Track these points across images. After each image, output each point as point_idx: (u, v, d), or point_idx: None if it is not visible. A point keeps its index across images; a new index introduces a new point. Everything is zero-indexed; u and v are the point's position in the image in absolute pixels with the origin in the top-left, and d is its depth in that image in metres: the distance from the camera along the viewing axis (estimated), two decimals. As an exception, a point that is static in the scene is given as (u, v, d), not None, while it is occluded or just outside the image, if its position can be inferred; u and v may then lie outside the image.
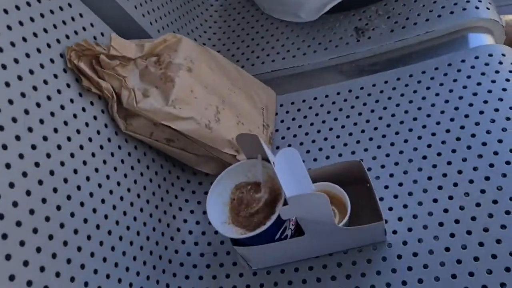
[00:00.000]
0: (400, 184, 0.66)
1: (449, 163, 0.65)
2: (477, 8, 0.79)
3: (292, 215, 0.54)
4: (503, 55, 0.73)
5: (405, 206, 0.64)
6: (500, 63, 0.72)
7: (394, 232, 0.63)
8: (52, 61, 0.59)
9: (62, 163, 0.55)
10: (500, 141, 0.64)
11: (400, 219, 0.63)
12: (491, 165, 0.63)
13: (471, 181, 0.63)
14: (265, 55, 0.90)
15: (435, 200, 0.63)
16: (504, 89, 0.69)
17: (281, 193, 0.57)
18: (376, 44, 0.83)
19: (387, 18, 0.84)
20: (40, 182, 0.51)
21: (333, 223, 0.54)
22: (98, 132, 0.62)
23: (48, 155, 0.54)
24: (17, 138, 0.50)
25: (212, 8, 1.01)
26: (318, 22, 0.88)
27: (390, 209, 0.65)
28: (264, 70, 0.88)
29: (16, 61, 0.54)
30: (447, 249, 0.59)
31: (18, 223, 0.48)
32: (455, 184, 0.63)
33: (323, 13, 0.85)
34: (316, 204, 0.50)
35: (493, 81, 0.70)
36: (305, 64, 0.86)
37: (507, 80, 0.70)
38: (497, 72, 0.71)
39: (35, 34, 0.58)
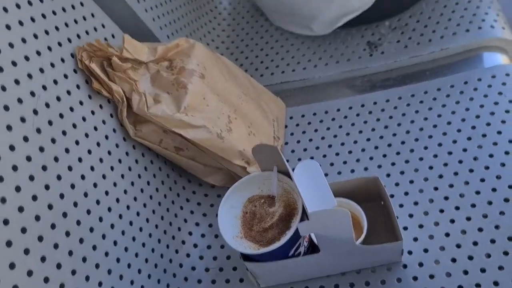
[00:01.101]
0: (416, 203, 0.64)
1: (466, 183, 0.64)
2: (492, 27, 0.78)
3: (311, 231, 0.51)
4: (520, 75, 0.72)
5: (420, 226, 0.62)
6: (517, 83, 0.71)
7: (410, 252, 0.61)
8: (62, 60, 0.56)
9: (70, 168, 0.52)
10: (519, 162, 0.63)
11: (415, 239, 0.61)
12: (511, 187, 0.61)
13: (489, 203, 0.61)
14: (274, 66, 0.88)
15: (452, 221, 0.61)
16: (521, 110, 0.68)
17: (296, 207, 0.54)
18: (389, 59, 0.81)
19: (400, 34, 0.83)
20: (47, 187, 0.48)
21: (352, 241, 0.52)
22: (106, 137, 0.59)
23: (56, 159, 0.51)
24: (25, 139, 0.48)
25: (220, 17, 0.99)
26: (330, 35, 0.87)
27: (405, 228, 0.63)
28: (274, 81, 0.86)
29: (26, 58, 0.51)
30: (465, 272, 0.57)
31: (23, 230, 0.44)
32: (473, 205, 0.62)
33: (336, 27, 0.83)
34: (338, 221, 0.48)
35: (511, 101, 0.69)
36: (315, 77, 0.85)
37: (524, 101, 0.69)
38: (514, 92, 0.70)
39: (46, 32, 0.55)
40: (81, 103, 0.57)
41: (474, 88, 0.72)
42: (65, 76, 0.56)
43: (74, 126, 0.55)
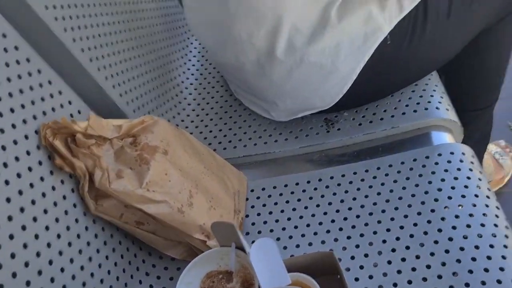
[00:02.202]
0: (370, 277, 0.66)
1: (417, 257, 0.66)
2: (437, 108, 0.85)
3: (266, 308, 0.52)
4: (463, 153, 0.77)
5: (375, 301, 0.64)
6: (461, 161, 0.76)
7: (365, 327, 0.62)
8: (26, 137, 0.58)
9: (25, 245, 0.52)
10: (465, 237, 0.66)
11: (371, 313, 0.63)
12: (458, 261, 0.64)
13: (439, 276, 0.64)
14: (237, 140, 0.92)
15: (405, 295, 0.63)
16: (465, 186, 0.72)
17: (253, 283, 0.55)
18: (345, 135, 0.86)
19: (355, 112, 0.89)
20: None
21: (307, 319, 0.53)
22: (66, 212, 0.60)
23: (11, 237, 0.51)
24: (-19, 217, 0.48)
25: (186, 91, 1.03)
26: (290, 111, 0.91)
27: (361, 302, 0.64)
28: (236, 154, 0.89)
29: (-11, 136, 0.52)
30: None
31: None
32: (424, 279, 0.64)
33: (294, 117, 0.88)
34: (291, 299, 0.49)
35: (456, 178, 0.74)
36: (276, 151, 0.88)
37: (468, 178, 0.73)
38: (458, 169, 0.75)
39: (11, 110, 0.57)
40: (42, 179, 0.58)
41: (422, 165, 0.77)
42: (28, 153, 0.57)
43: (33, 202, 0.55)
